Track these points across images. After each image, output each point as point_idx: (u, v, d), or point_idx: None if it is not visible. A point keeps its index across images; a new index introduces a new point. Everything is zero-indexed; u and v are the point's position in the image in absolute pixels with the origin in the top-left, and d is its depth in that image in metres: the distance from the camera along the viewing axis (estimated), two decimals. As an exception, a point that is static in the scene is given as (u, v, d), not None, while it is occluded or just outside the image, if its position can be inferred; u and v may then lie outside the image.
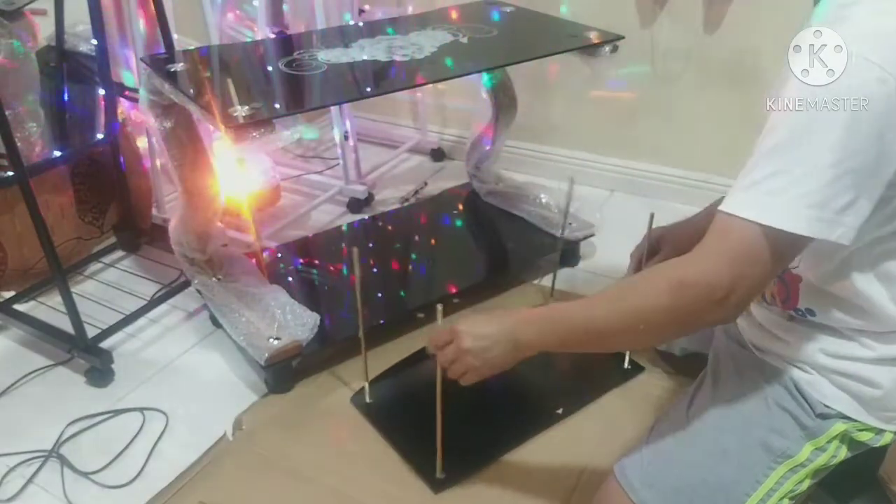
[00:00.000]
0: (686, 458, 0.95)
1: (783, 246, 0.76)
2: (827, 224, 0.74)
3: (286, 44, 1.63)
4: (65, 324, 1.45)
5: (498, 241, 1.90)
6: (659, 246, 1.27)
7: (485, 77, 1.82)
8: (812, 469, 0.94)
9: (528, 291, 1.71)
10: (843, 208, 0.73)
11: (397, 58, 1.38)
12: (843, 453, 0.95)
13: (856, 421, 0.92)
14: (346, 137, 2.10)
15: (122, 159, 1.80)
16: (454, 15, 1.70)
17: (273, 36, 2.02)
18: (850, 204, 0.73)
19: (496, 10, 1.72)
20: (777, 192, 0.74)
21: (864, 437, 0.93)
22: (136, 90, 1.74)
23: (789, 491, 0.93)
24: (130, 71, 1.80)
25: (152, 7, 1.58)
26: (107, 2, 1.69)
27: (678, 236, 1.26)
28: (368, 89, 1.31)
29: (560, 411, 1.32)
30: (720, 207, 0.79)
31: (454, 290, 1.61)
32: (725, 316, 0.80)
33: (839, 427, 0.92)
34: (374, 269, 1.69)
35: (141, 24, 1.70)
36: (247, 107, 1.12)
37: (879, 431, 0.93)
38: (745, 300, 0.79)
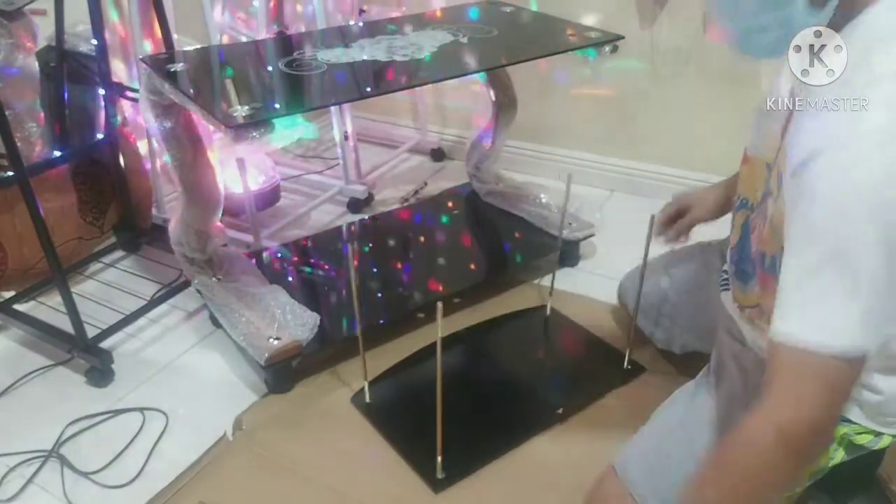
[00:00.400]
0: (686, 455, 0.95)
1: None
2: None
3: (286, 44, 1.63)
4: (65, 324, 1.45)
5: (498, 242, 1.90)
6: (686, 208, 1.27)
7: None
8: (809, 471, 0.93)
9: (527, 291, 1.71)
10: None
11: (397, 58, 1.38)
12: (841, 455, 0.94)
13: (855, 424, 0.92)
14: (346, 137, 2.10)
15: (121, 159, 1.80)
16: (454, 15, 1.70)
17: (273, 36, 2.02)
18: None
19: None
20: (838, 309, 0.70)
21: (863, 440, 0.93)
22: (136, 90, 1.74)
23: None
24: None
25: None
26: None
27: (703, 198, 1.26)
28: (368, 89, 1.31)
29: (560, 411, 1.32)
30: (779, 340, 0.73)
31: (454, 290, 1.62)
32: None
33: (838, 430, 0.92)
34: (374, 269, 1.69)
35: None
36: (247, 107, 1.12)
37: (878, 434, 0.93)
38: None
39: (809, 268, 0.70)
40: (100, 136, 1.74)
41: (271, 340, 1.34)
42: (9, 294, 1.65)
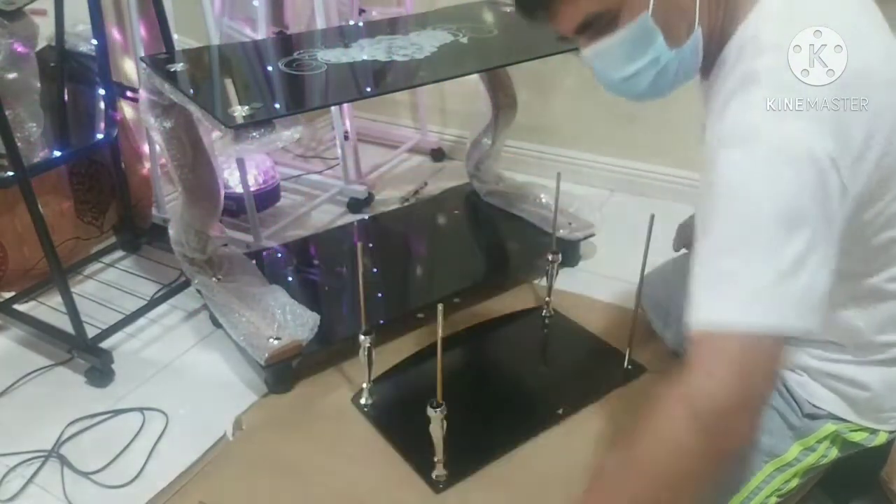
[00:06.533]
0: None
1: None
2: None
3: (286, 44, 1.63)
4: (65, 324, 1.45)
5: (498, 241, 1.90)
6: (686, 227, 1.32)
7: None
8: (800, 469, 0.93)
9: (527, 291, 1.71)
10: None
11: (397, 58, 1.38)
12: (834, 454, 0.95)
13: (848, 422, 0.92)
14: (346, 137, 2.10)
15: (121, 159, 1.80)
16: (454, 15, 1.70)
17: (273, 36, 2.02)
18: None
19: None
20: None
21: (858, 437, 0.93)
22: (136, 90, 1.74)
23: (776, 489, 0.93)
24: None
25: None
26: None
27: None
28: (368, 89, 1.31)
29: (560, 411, 1.32)
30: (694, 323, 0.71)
31: (454, 290, 1.61)
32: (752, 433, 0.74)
33: (829, 428, 0.92)
34: (374, 270, 1.69)
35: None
36: (247, 107, 1.12)
37: (874, 431, 0.93)
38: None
39: (716, 248, 0.71)
40: (100, 136, 1.74)
41: (271, 340, 1.34)
42: (9, 294, 1.65)
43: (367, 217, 2.01)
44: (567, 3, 0.78)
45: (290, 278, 1.64)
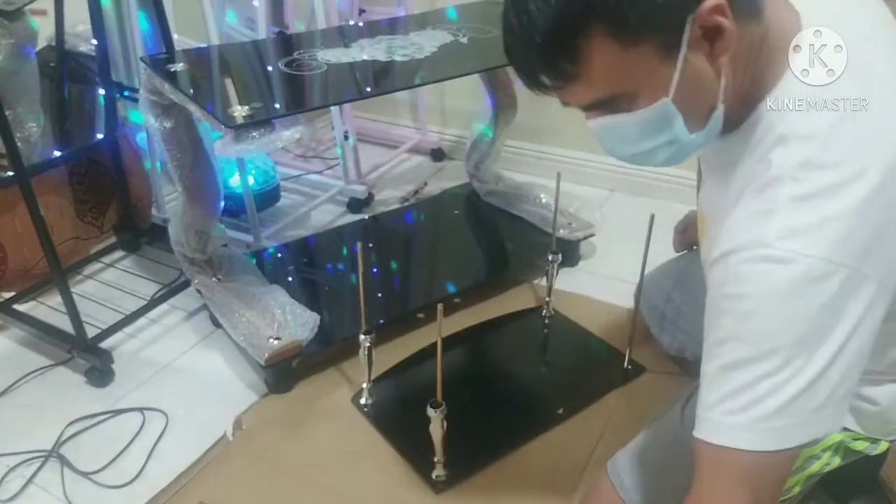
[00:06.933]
0: (676, 460, 0.95)
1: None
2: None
3: (286, 44, 1.63)
4: (65, 324, 1.45)
5: (498, 241, 1.90)
6: (685, 230, 1.32)
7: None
8: (803, 476, 0.93)
9: (527, 291, 1.71)
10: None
11: (397, 58, 1.38)
12: (837, 462, 0.94)
13: (853, 431, 0.91)
14: (346, 137, 2.10)
15: (122, 159, 1.80)
16: (454, 15, 1.70)
17: (273, 36, 2.02)
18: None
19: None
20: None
21: (860, 446, 0.93)
22: (136, 90, 1.74)
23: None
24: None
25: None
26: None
27: (695, 218, 1.27)
28: (368, 89, 1.31)
29: (561, 411, 1.32)
30: (702, 437, 0.71)
31: (454, 290, 1.61)
32: None
33: (834, 437, 0.91)
34: (374, 269, 1.69)
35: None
36: (247, 107, 1.12)
37: (875, 441, 0.92)
38: None
39: (731, 362, 0.68)
40: (100, 136, 1.74)
41: (271, 340, 1.34)
42: (9, 294, 1.65)
43: (367, 217, 2.01)
44: (581, 84, 0.70)
45: (290, 278, 1.64)
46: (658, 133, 0.73)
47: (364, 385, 1.36)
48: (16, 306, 1.60)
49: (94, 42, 1.64)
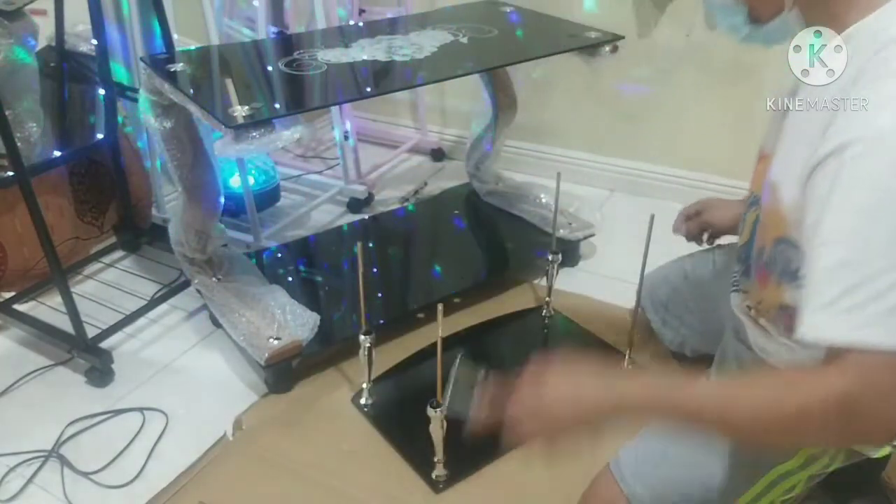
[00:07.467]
0: (678, 456, 0.95)
1: None
2: None
3: (286, 44, 1.63)
4: (65, 324, 1.45)
5: (498, 241, 1.90)
6: (705, 209, 1.29)
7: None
8: (805, 475, 0.93)
9: (527, 291, 1.71)
10: None
11: (397, 58, 1.38)
12: (840, 460, 0.94)
13: None
14: (346, 137, 2.10)
15: (122, 159, 1.80)
16: (454, 15, 1.70)
17: (273, 36, 2.02)
18: None
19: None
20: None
21: (864, 447, 0.93)
22: (136, 90, 1.74)
23: (781, 494, 0.93)
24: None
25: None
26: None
27: (724, 206, 1.27)
28: (368, 89, 1.31)
29: (560, 411, 1.32)
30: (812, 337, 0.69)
31: (454, 290, 1.61)
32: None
33: None
34: (374, 270, 1.69)
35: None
36: (247, 107, 1.12)
37: None
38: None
39: (848, 260, 0.66)
40: (100, 136, 1.74)
41: (271, 340, 1.34)
42: (9, 294, 1.65)
43: (367, 217, 2.01)
44: None
45: (290, 278, 1.64)
46: (723, 19, 0.88)
47: (364, 385, 1.36)
48: (16, 306, 1.60)
49: (94, 42, 1.64)
